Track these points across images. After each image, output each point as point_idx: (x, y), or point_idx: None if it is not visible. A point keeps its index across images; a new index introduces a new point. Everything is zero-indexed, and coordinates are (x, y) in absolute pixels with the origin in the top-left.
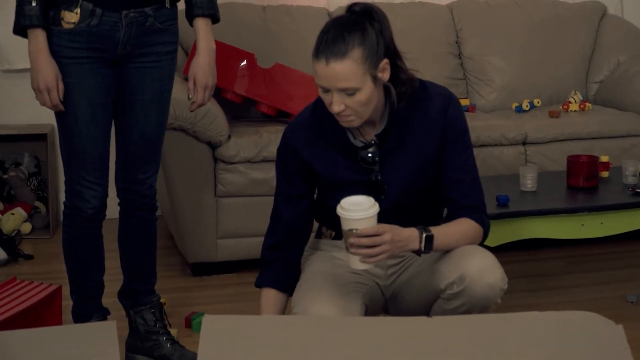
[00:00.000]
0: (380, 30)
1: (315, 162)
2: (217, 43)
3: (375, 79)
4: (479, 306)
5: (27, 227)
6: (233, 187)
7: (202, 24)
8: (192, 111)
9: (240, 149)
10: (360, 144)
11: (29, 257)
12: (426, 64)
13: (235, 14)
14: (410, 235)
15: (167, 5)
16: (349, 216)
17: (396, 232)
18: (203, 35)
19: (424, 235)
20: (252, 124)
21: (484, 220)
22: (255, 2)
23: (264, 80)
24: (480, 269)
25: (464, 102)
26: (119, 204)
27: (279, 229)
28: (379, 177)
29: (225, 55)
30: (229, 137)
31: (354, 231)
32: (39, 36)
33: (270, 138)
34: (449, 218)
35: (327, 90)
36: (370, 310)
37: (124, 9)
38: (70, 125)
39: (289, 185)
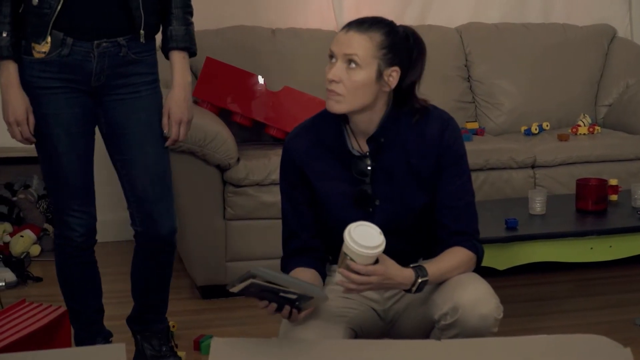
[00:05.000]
0: (409, 49)
1: (309, 171)
2: (227, 66)
3: (380, 74)
4: (474, 337)
5: (36, 250)
6: (242, 210)
7: (177, 57)
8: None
9: (250, 172)
10: (357, 153)
11: (38, 280)
12: (435, 87)
13: (245, 37)
14: (405, 278)
15: (142, 40)
16: (351, 247)
17: (388, 274)
18: (178, 69)
19: (419, 280)
20: (261, 147)
21: (477, 247)
22: (265, 25)
23: (272, 104)
24: (474, 299)
25: (473, 126)
26: (134, 236)
27: (290, 242)
28: (370, 190)
29: (234, 78)
30: (238, 160)
31: (348, 259)
32: (10, 68)
33: (279, 161)
34: (439, 243)
35: (332, 59)
36: (365, 335)
37: (95, 38)
38: (50, 157)
39: (294, 191)
